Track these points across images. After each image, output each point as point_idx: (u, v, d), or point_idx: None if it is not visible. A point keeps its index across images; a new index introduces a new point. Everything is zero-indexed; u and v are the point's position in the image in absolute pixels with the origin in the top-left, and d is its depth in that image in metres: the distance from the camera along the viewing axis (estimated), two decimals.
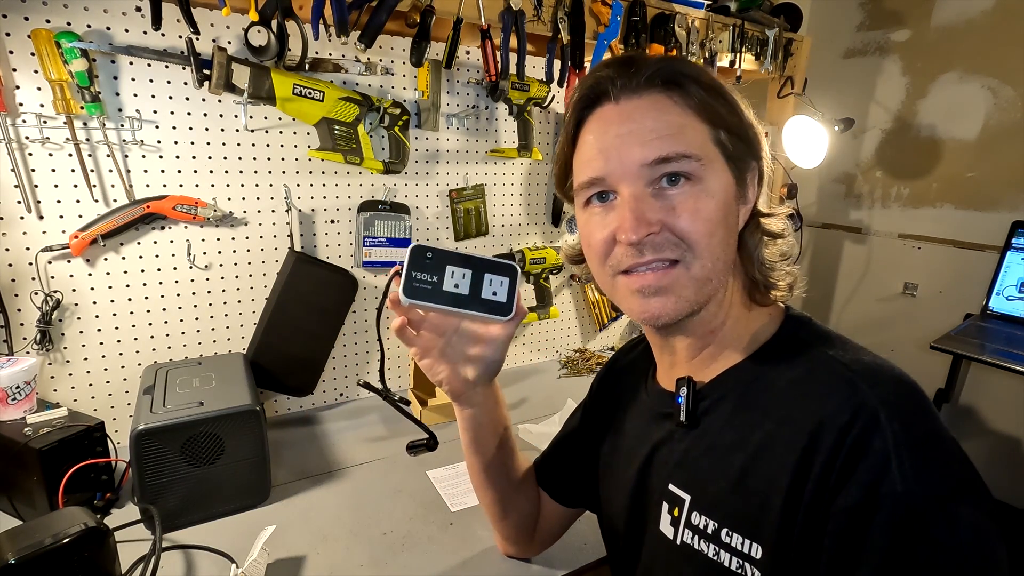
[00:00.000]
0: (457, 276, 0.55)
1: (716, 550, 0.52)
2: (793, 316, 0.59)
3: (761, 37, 1.73)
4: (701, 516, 0.54)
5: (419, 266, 0.54)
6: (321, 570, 0.84)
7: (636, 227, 0.51)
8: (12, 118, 0.97)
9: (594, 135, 0.55)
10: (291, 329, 1.22)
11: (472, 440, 0.71)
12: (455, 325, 0.62)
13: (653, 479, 0.61)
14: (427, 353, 0.62)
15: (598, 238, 0.55)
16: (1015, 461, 1.92)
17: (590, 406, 0.79)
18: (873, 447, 0.43)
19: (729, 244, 0.54)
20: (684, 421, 0.57)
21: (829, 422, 0.46)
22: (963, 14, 1.94)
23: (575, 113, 0.57)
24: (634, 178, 0.52)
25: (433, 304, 0.55)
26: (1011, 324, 1.78)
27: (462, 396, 0.66)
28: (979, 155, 1.95)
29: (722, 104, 0.54)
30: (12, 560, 0.63)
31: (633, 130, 0.52)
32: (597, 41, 1.42)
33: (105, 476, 0.96)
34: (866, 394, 0.46)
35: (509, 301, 0.57)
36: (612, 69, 0.54)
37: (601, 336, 1.84)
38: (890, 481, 0.42)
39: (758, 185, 0.57)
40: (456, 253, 0.55)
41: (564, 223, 1.66)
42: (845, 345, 0.53)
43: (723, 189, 0.53)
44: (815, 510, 0.45)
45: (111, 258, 1.09)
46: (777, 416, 0.50)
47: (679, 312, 0.53)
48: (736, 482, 0.51)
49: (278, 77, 1.09)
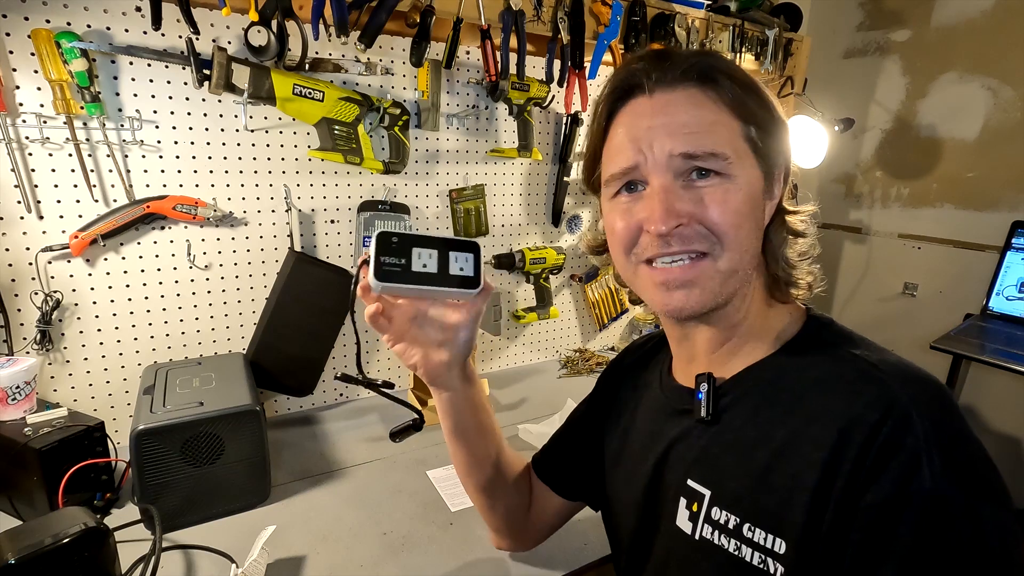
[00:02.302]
0: (424, 256, 0.56)
1: (737, 545, 0.52)
2: (815, 316, 0.59)
3: (761, 37, 1.73)
4: (722, 511, 0.54)
5: (387, 251, 0.55)
6: (321, 570, 0.84)
7: (665, 218, 0.51)
8: (12, 118, 0.97)
9: (625, 127, 0.55)
10: (291, 329, 1.22)
11: (453, 426, 0.72)
12: (425, 308, 0.63)
13: (669, 475, 0.61)
14: (400, 339, 0.63)
15: (624, 226, 0.56)
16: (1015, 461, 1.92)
17: (595, 401, 0.79)
18: (905, 445, 0.44)
19: (756, 238, 0.55)
20: (705, 417, 0.57)
21: (860, 419, 0.46)
22: (963, 14, 1.94)
23: (607, 104, 0.58)
24: (664, 169, 0.52)
25: (405, 285, 0.56)
26: (1011, 324, 1.78)
27: (438, 379, 0.67)
28: (979, 155, 1.95)
29: (755, 100, 0.54)
30: (12, 560, 0.63)
31: (666, 123, 0.52)
32: (597, 41, 1.42)
33: (105, 476, 0.96)
34: (897, 393, 0.46)
35: (476, 275, 0.58)
36: (646, 62, 0.55)
37: (601, 336, 1.84)
38: (920, 478, 0.43)
39: (784, 182, 0.58)
40: (420, 235, 0.57)
41: (564, 223, 1.66)
42: (870, 346, 0.53)
43: (751, 184, 0.53)
44: (844, 505, 0.46)
45: (111, 258, 1.09)
46: (803, 414, 0.50)
47: (703, 305, 0.54)
48: (759, 478, 0.51)
49: (278, 77, 1.09)
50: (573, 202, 1.67)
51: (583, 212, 1.70)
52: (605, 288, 1.78)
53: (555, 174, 1.61)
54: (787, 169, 0.58)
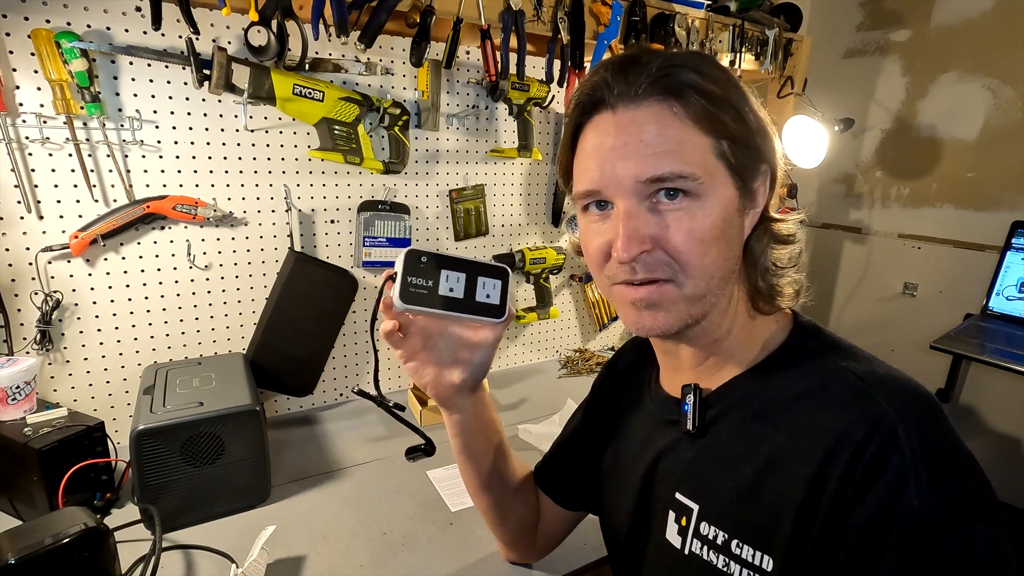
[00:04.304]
0: (452, 280, 0.55)
1: (726, 561, 0.51)
2: (802, 324, 0.57)
3: (761, 37, 1.73)
4: (710, 526, 0.53)
5: (414, 271, 0.53)
6: (321, 570, 0.84)
7: (628, 245, 0.50)
8: (12, 118, 0.97)
9: (591, 145, 0.53)
10: (291, 329, 1.22)
11: (463, 446, 0.70)
12: (443, 328, 0.62)
13: (658, 487, 0.61)
14: (414, 356, 0.61)
15: (594, 246, 0.55)
16: (1015, 461, 1.92)
17: (590, 408, 0.79)
18: (891, 463, 0.43)
19: (728, 258, 0.53)
20: (691, 430, 0.56)
21: (846, 437, 0.45)
22: (963, 14, 1.94)
23: (573, 119, 0.56)
24: (629, 193, 0.50)
25: (429, 309, 0.54)
26: (1011, 324, 1.78)
27: (449, 400, 0.65)
28: (979, 155, 1.95)
29: (727, 111, 0.50)
30: (12, 560, 0.63)
31: (629, 143, 0.50)
32: (597, 41, 1.42)
33: (105, 476, 0.96)
34: (883, 408, 0.45)
35: (502, 303, 0.57)
36: (610, 73, 0.52)
37: (601, 336, 1.84)
38: (907, 497, 0.42)
39: (769, 188, 0.55)
40: (450, 256, 0.55)
41: (564, 223, 1.66)
42: (857, 356, 0.52)
43: (723, 204, 0.51)
44: (830, 524, 0.45)
45: (111, 258, 1.09)
46: (789, 429, 0.50)
47: (671, 326, 0.53)
48: (746, 493, 0.51)
49: (278, 77, 1.09)
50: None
51: None
52: None
53: (555, 174, 1.61)
54: (772, 175, 0.55)
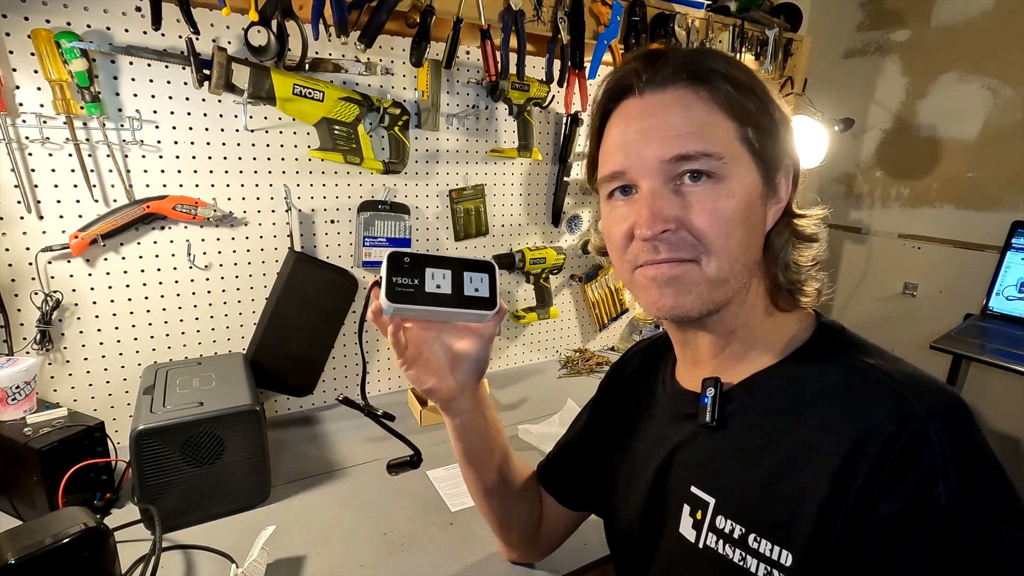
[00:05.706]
0: (438, 277, 0.55)
1: (742, 555, 0.51)
2: (826, 323, 0.57)
3: (761, 37, 1.73)
4: (727, 520, 0.53)
5: (399, 271, 0.54)
6: (321, 570, 0.84)
7: (651, 223, 0.51)
8: (12, 118, 0.97)
9: (617, 129, 0.55)
10: (291, 329, 1.22)
11: (465, 450, 0.71)
12: (436, 332, 0.62)
13: (672, 481, 0.60)
14: (412, 364, 0.62)
15: (617, 231, 0.55)
16: (1015, 461, 1.92)
17: (598, 408, 0.78)
18: (920, 459, 0.43)
19: (750, 245, 0.53)
20: (710, 422, 0.56)
21: (874, 432, 0.45)
22: (963, 14, 1.94)
23: (601, 106, 0.57)
24: (653, 174, 0.51)
25: (418, 307, 0.54)
26: (1011, 324, 1.78)
27: (451, 403, 0.66)
28: (979, 155, 1.95)
29: (751, 100, 0.52)
30: (12, 560, 0.63)
31: (654, 125, 0.52)
32: (597, 41, 1.42)
33: (105, 476, 0.96)
34: (912, 405, 0.45)
35: (492, 295, 0.57)
36: (638, 62, 0.54)
37: (601, 336, 1.84)
38: (936, 494, 0.42)
39: (793, 184, 0.56)
40: (432, 255, 0.55)
41: (564, 223, 1.66)
42: (883, 355, 0.52)
43: (746, 188, 0.52)
44: (855, 519, 0.45)
45: (111, 258, 1.09)
46: (814, 424, 0.49)
47: (693, 308, 0.53)
48: (766, 487, 0.50)
49: (278, 77, 1.09)
50: (573, 202, 1.67)
51: (583, 212, 1.70)
52: (605, 288, 1.78)
53: (555, 174, 1.61)
54: (795, 170, 0.56)
